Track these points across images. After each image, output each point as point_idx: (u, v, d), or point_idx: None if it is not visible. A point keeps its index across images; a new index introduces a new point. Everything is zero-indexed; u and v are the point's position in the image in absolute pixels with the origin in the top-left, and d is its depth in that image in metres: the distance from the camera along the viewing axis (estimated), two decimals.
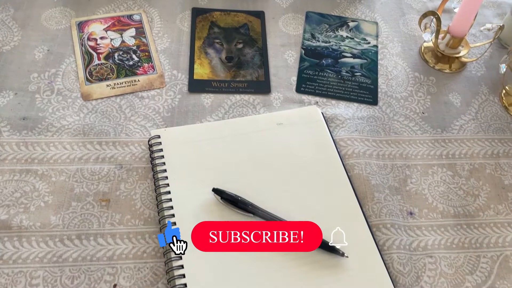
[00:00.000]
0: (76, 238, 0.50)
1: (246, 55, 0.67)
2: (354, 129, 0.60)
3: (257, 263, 0.48)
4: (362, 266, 0.49)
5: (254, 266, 0.48)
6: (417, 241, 0.53)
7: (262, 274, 0.48)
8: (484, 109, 0.65)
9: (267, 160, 0.56)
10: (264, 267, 0.48)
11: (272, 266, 0.48)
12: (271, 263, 0.48)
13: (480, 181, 0.58)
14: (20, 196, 0.52)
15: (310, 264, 0.49)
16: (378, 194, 0.55)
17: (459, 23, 0.65)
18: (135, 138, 0.57)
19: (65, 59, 0.64)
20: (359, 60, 0.68)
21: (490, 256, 0.52)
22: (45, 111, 0.59)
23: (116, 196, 0.53)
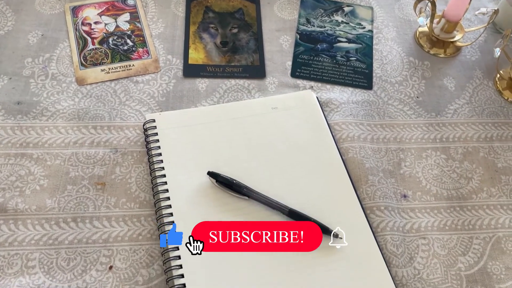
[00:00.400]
0: (72, 221, 0.50)
1: (241, 40, 0.67)
2: (348, 113, 0.60)
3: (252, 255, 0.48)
4: (356, 247, 0.49)
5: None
6: (411, 223, 0.53)
7: (255, 261, 0.48)
8: (478, 93, 0.65)
9: (262, 144, 0.56)
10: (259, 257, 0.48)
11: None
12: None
13: (473, 164, 0.58)
14: (16, 179, 0.52)
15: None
16: (372, 177, 0.55)
17: (454, 7, 0.65)
18: (130, 122, 0.58)
19: (59, 44, 0.64)
20: (354, 45, 0.68)
21: (483, 237, 0.53)
22: (40, 95, 0.59)
23: (111, 180, 0.53)
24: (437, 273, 0.50)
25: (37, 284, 0.46)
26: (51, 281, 0.46)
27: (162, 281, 0.47)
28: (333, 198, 0.53)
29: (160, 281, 0.47)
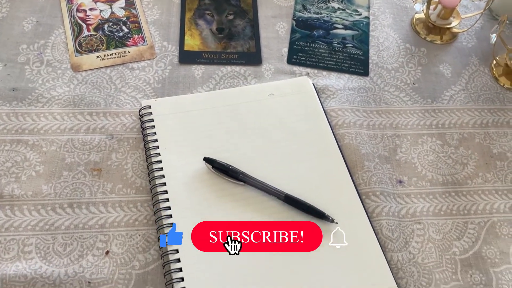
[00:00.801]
0: (68, 207, 0.50)
1: (237, 27, 0.67)
2: (345, 100, 0.60)
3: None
4: (352, 232, 0.50)
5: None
6: (406, 208, 0.53)
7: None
8: (474, 79, 0.65)
9: (258, 130, 0.56)
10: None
11: None
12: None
13: (469, 150, 0.58)
14: (11, 166, 0.52)
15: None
16: (368, 163, 0.55)
17: None
18: (125, 108, 0.57)
19: (54, 31, 0.63)
20: (350, 32, 0.68)
21: (478, 222, 0.53)
22: (35, 82, 0.58)
23: (107, 166, 0.53)
24: (432, 257, 0.50)
25: (34, 269, 0.46)
26: (47, 266, 0.46)
27: (159, 265, 0.48)
28: (329, 183, 0.53)
29: (156, 265, 0.48)
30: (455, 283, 0.49)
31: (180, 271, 0.45)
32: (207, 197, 0.50)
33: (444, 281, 0.49)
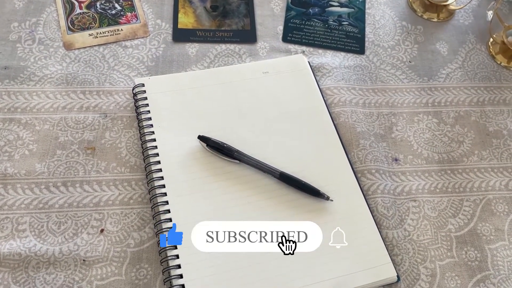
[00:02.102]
0: (62, 185, 0.50)
1: (232, 4, 0.66)
2: (340, 78, 0.60)
3: None
4: (347, 209, 0.50)
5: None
6: (401, 186, 0.53)
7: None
8: (471, 57, 0.64)
9: (253, 108, 0.55)
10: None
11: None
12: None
13: (465, 128, 0.58)
14: (4, 144, 0.51)
15: (295, 208, 0.49)
16: (364, 141, 0.55)
17: None
18: (119, 87, 0.57)
19: (46, 8, 0.62)
20: (346, 9, 0.67)
21: (473, 199, 0.53)
22: (27, 60, 0.57)
23: (101, 145, 0.53)
24: (427, 235, 0.50)
25: (28, 247, 0.46)
26: (42, 244, 0.46)
27: (154, 244, 0.47)
28: (325, 162, 0.53)
29: (151, 243, 0.47)
30: (450, 260, 0.49)
31: (177, 258, 0.45)
32: (201, 175, 0.50)
33: (439, 258, 0.49)
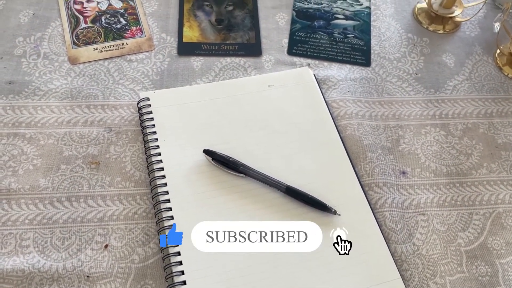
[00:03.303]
0: (66, 200, 0.49)
1: (237, 18, 0.66)
2: (346, 91, 0.59)
3: None
4: (355, 223, 0.49)
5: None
6: (410, 199, 0.52)
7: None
8: (478, 69, 0.64)
9: (259, 121, 0.55)
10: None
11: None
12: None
13: (473, 140, 0.57)
14: (8, 159, 0.51)
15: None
16: (371, 154, 0.54)
17: None
18: (124, 101, 0.57)
19: (51, 23, 0.62)
20: (351, 22, 0.67)
21: (483, 213, 0.52)
22: (32, 75, 0.57)
23: (106, 159, 0.52)
24: (436, 249, 0.49)
25: (31, 263, 0.45)
26: (45, 260, 0.46)
27: (159, 259, 0.47)
28: (331, 175, 0.52)
29: (156, 259, 0.47)
30: (460, 275, 0.48)
31: (180, 264, 0.45)
32: (207, 190, 0.50)
33: (450, 273, 0.48)
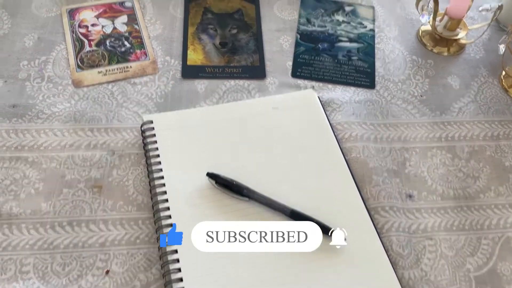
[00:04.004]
0: (67, 225, 0.48)
1: (241, 41, 0.66)
2: (351, 113, 0.59)
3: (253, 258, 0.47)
4: (361, 248, 0.48)
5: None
6: (417, 223, 0.51)
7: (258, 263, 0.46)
8: (483, 91, 0.63)
9: (263, 144, 0.55)
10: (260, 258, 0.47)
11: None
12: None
13: (480, 163, 0.57)
14: (10, 183, 0.51)
15: None
16: (376, 177, 0.54)
17: (457, 3, 0.64)
18: (127, 124, 0.56)
19: (56, 47, 0.63)
20: (355, 44, 0.67)
21: (491, 237, 0.51)
22: (35, 98, 0.57)
23: (108, 183, 0.52)
24: (445, 275, 0.48)
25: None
26: (45, 287, 0.45)
27: (160, 285, 0.46)
28: (337, 198, 0.51)
29: (158, 285, 0.46)
30: None
31: (179, 272, 0.44)
32: (210, 214, 0.49)
33: None
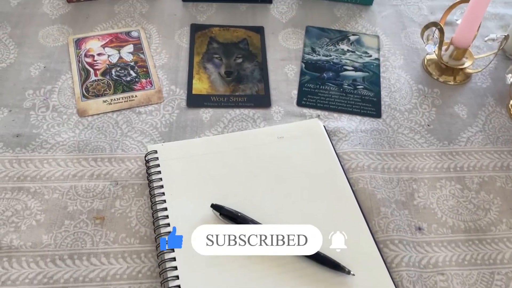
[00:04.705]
0: (68, 258, 0.47)
1: (246, 70, 0.66)
2: (357, 142, 0.58)
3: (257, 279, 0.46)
4: (370, 284, 0.46)
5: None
6: (427, 257, 0.50)
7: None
8: (491, 120, 0.63)
9: (268, 174, 0.54)
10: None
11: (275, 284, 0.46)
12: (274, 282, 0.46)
13: (490, 195, 0.55)
14: (11, 215, 0.50)
15: (315, 283, 0.46)
16: (385, 208, 0.52)
17: (462, 33, 0.64)
18: (131, 154, 0.56)
19: (62, 76, 0.63)
20: (361, 73, 0.67)
21: (505, 272, 0.49)
22: (40, 127, 0.57)
23: (111, 214, 0.51)
24: None
25: None
26: None
27: None
28: (344, 231, 0.50)
29: None
30: None
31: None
32: None
33: None
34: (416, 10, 0.77)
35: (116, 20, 0.71)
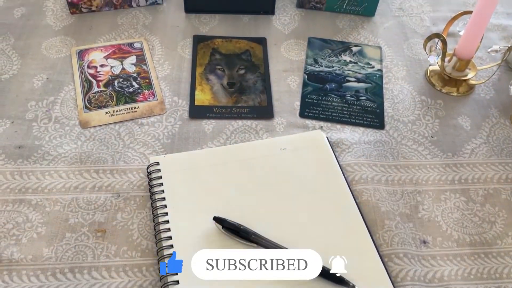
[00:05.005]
0: (69, 272, 0.47)
1: (248, 81, 0.66)
2: (361, 154, 0.58)
3: None
4: None
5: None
6: (433, 271, 0.49)
7: None
8: (495, 132, 0.62)
9: (271, 186, 0.53)
10: None
11: None
12: None
13: (496, 207, 0.55)
14: (12, 227, 0.49)
15: None
16: (389, 221, 0.52)
17: (465, 44, 0.64)
18: (133, 165, 0.55)
19: (64, 87, 0.63)
20: (363, 84, 0.67)
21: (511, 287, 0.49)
22: (42, 139, 0.57)
23: (112, 226, 0.50)
24: None
25: None
26: None
27: None
28: (348, 244, 0.49)
29: None
30: None
31: None
32: None
33: None
34: (418, 21, 0.77)
35: (119, 31, 0.71)
